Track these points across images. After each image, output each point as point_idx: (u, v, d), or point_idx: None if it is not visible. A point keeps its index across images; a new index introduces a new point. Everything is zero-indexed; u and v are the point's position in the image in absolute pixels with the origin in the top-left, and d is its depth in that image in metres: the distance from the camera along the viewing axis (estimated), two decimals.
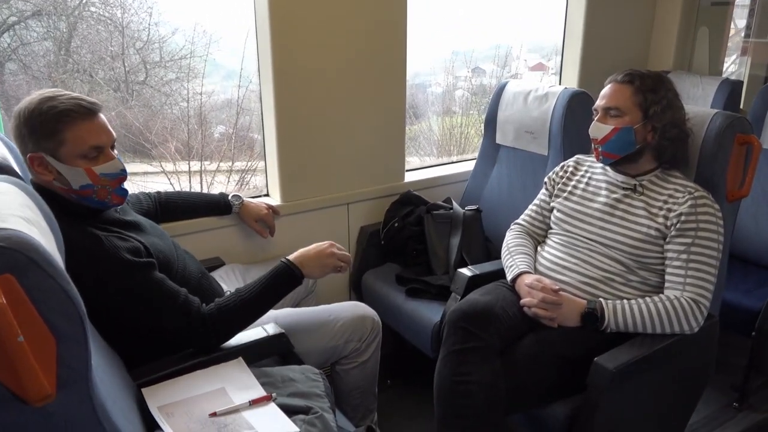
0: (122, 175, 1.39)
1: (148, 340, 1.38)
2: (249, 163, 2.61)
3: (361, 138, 2.19)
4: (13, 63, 2.05)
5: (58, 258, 0.99)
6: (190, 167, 2.56)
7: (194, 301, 1.39)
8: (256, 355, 1.46)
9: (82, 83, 2.21)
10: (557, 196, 1.80)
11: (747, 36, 3.68)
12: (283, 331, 1.50)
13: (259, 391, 1.27)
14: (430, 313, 1.90)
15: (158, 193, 1.85)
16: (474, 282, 1.82)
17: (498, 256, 1.91)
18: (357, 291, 2.28)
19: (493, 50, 3.67)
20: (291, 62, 1.94)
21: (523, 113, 2.19)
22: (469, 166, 2.47)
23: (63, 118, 1.28)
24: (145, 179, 2.54)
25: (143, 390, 1.26)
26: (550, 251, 1.74)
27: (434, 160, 3.50)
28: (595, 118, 1.66)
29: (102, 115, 1.36)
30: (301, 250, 1.53)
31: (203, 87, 2.50)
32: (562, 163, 1.87)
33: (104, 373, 1.06)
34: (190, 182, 2.61)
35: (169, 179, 2.60)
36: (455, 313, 1.53)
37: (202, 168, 2.66)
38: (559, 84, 2.84)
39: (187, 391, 1.27)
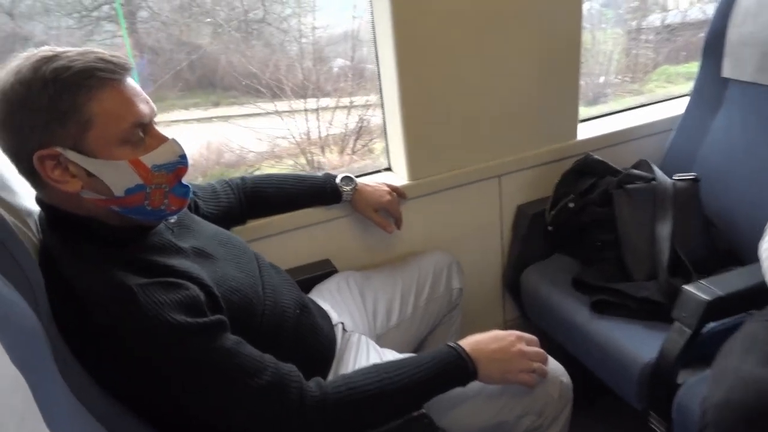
0: (183, 163, 0.89)
1: None
2: (368, 98, 2.27)
3: (516, 84, 1.53)
4: (144, 11, 1.97)
5: None
6: (306, 105, 2.29)
7: (289, 375, 0.88)
8: None
9: (206, 25, 2.11)
10: None
11: None
12: (425, 410, 0.95)
13: None
14: (637, 345, 1.26)
15: (242, 179, 1.33)
16: (715, 308, 1.15)
17: (729, 251, 1.24)
18: (514, 293, 1.68)
19: None
20: None
21: None
22: (673, 109, 1.72)
23: (84, 82, 0.79)
24: (254, 121, 2.24)
25: None
26: None
27: None
28: None
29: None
30: (475, 337, 1.02)
31: (318, 21, 2.27)
32: None
33: None
34: (306, 122, 2.34)
35: (282, 119, 2.33)
36: (726, 410, 0.88)
37: (318, 106, 2.36)
38: None
39: None
